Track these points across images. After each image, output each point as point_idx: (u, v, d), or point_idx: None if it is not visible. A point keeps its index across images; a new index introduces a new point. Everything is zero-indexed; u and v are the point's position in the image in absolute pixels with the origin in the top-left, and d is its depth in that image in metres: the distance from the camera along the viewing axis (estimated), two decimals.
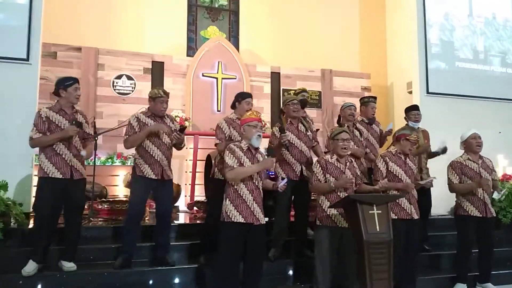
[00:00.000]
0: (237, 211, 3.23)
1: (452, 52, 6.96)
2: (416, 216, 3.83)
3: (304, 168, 4.07)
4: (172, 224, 4.81)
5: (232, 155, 3.29)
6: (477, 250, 4.14)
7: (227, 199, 3.29)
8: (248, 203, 3.25)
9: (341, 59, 8.28)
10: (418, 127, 4.79)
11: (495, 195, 4.10)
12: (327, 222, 3.57)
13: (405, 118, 4.85)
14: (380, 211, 3.30)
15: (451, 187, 4.17)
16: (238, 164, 3.26)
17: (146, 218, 4.44)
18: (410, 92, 7.18)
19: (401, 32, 7.67)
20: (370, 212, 3.27)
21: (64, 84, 3.63)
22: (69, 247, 3.67)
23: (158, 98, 3.82)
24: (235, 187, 3.28)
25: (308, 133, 4.15)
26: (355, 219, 3.28)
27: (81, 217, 3.81)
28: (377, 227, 3.26)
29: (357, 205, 3.25)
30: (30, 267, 3.48)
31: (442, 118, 6.34)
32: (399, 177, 3.85)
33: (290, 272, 4.08)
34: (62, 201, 3.58)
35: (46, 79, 6.16)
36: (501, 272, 4.40)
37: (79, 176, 3.65)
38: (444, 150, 4.59)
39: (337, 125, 4.48)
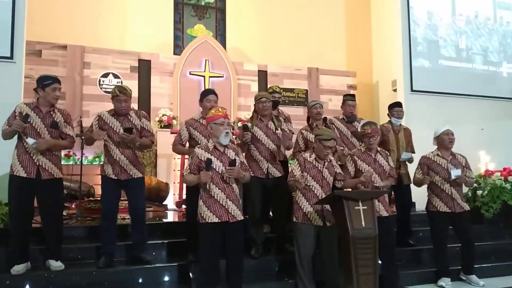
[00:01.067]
0: (210, 212, 3.24)
1: (436, 50, 7.08)
2: (384, 213, 3.83)
3: (270, 166, 4.07)
4: (160, 222, 4.86)
5: (191, 161, 3.34)
6: (459, 244, 4.23)
7: (201, 200, 3.31)
8: (221, 202, 3.26)
9: (328, 57, 8.37)
10: (400, 124, 4.86)
11: (452, 175, 4.07)
12: (303, 219, 3.61)
13: (388, 114, 4.91)
14: (365, 207, 3.35)
15: (413, 180, 4.34)
16: (190, 170, 3.29)
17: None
18: (395, 90, 7.29)
19: (386, 30, 7.78)
20: (355, 208, 3.32)
21: (43, 83, 3.55)
22: (51, 247, 3.62)
23: (115, 97, 3.72)
24: (207, 188, 3.28)
25: (277, 131, 4.12)
26: (341, 215, 3.34)
27: (57, 217, 3.67)
28: (363, 223, 3.31)
29: (343, 201, 3.31)
30: (19, 266, 3.45)
31: (426, 115, 6.46)
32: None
33: (276, 268, 4.11)
34: (31, 200, 3.51)
35: (31, 78, 6.07)
36: (484, 265, 4.49)
37: (47, 176, 3.53)
38: (409, 160, 4.67)
39: (307, 124, 4.48)
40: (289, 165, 4.56)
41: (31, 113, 3.50)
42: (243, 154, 3.60)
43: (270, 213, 4.45)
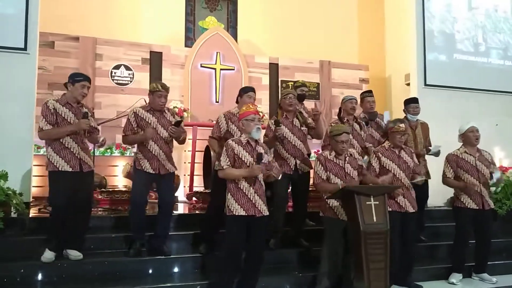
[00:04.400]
0: (238, 205, 3.29)
1: (451, 44, 6.96)
2: (411, 210, 3.84)
3: (298, 162, 4.09)
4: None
5: (226, 154, 3.35)
6: (473, 241, 4.19)
7: (229, 193, 3.35)
8: (249, 196, 3.30)
9: (340, 50, 8.29)
10: (417, 120, 4.80)
11: (491, 182, 4.06)
12: (329, 213, 3.65)
13: (404, 110, 4.86)
14: (377, 202, 3.35)
15: (444, 180, 4.23)
16: (229, 164, 3.32)
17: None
18: (408, 84, 7.19)
19: (399, 23, 7.66)
20: (367, 203, 3.33)
21: (74, 78, 3.67)
22: (76, 237, 3.71)
23: (156, 92, 3.80)
24: (236, 182, 3.33)
25: (302, 128, 4.14)
26: (353, 209, 3.34)
27: (90, 208, 3.86)
28: (374, 218, 3.31)
29: (354, 196, 3.30)
30: (49, 255, 3.55)
31: (439, 110, 6.37)
32: (393, 172, 3.85)
33: (291, 261, 4.14)
34: (75, 193, 3.62)
35: (44, 69, 6.15)
36: (496, 262, 4.46)
37: (88, 169, 3.71)
38: (437, 154, 4.60)
39: (337, 118, 4.45)
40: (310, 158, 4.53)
41: (63, 108, 3.61)
42: (271, 152, 3.65)
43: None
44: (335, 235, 3.62)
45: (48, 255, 3.55)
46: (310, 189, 4.34)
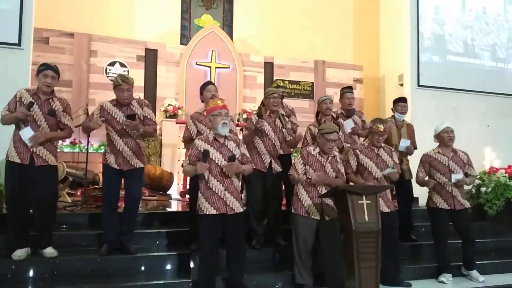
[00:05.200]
0: (208, 203, 3.26)
1: (444, 46, 7.02)
2: (385, 210, 3.83)
3: (273, 161, 4.10)
4: (164, 212, 4.90)
5: (190, 151, 3.36)
6: (460, 240, 4.24)
7: (199, 192, 3.34)
8: (219, 194, 3.27)
9: (335, 50, 8.33)
10: (403, 120, 4.83)
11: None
12: (301, 212, 3.64)
13: (392, 109, 4.89)
14: (369, 201, 3.37)
15: (416, 179, 4.29)
16: (188, 161, 3.34)
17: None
18: (402, 85, 7.25)
19: (394, 24, 7.72)
20: (359, 202, 3.35)
21: (38, 69, 3.58)
22: (42, 235, 3.62)
23: (117, 86, 3.68)
24: (205, 180, 3.30)
25: (283, 130, 4.16)
26: (345, 208, 3.36)
27: (49, 204, 3.64)
28: (366, 217, 3.33)
29: (346, 195, 3.32)
30: (20, 251, 3.49)
31: (432, 110, 6.43)
32: (369, 169, 3.89)
33: (276, 260, 4.15)
34: (25, 186, 3.52)
35: (38, 65, 6.11)
36: (485, 262, 4.50)
37: (41, 163, 3.53)
38: (408, 149, 4.60)
39: (315, 120, 4.47)
40: (292, 157, 4.57)
41: (30, 98, 3.51)
42: (245, 146, 3.58)
43: None
44: (304, 233, 3.61)
45: (16, 252, 3.47)
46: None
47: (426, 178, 4.18)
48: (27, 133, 3.46)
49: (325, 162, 3.68)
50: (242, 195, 4.33)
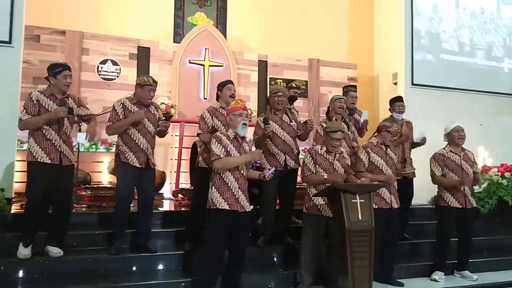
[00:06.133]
0: (222, 198, 3.27)
1: (438, 44, 7.03)
2: (395, 206, 3.93)
3: (288, 158, 4.10)
4: (156, 211, 4.85)
5: (219, 144, 3.30)
6: (456, 239, 4.25)
7: (213, 187, 3.33)
8: (233, 191, 3.29)
9: (329, 49, 8.30)
10: (402, 118, 4.85)
11: (476, 188, 4.17)
12: (313, 210, 3.66)
13: (389, 109, 4.91)
14: (362, 200, 3.36)
15: (434, 179, 4.24)
16: (225, 153, 3.27)
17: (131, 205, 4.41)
18: (396, 83, 7.25)
19: (388, 22, 7.72)
20: (353, 201, 3.34)
21: (53, 71, 3.57)
22: (57, 233, 3.65)
23: (147, 86, 3.76)
24: (221, 175, 3.31)
25: (292, 123, 4.16)
26: (338, 207, 3.35)
27: (69, 203, 3.80)
28: (360, 216, 3.33)
29: (340, 194, 3.31)
30: (24, 251, 3.48)
31: (426, 109, 6.44)
32: (380, 167, 3.93)
33: (276, 259, 4.15)
34: (51, 186, 3.54)
35: (29, 63, 6.06)
36: (478, 260, 4.52)
37: (68, 162, 3.63)
38: (423, 140, 4.65)
39: (326, 117, 4.46)
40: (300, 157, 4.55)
41: (47, 100, 3.54)
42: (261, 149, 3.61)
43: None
44: (317, 232, 3.64)
45: (23, 251, 3.47)
46: (297, 186, 4.36)
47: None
48: (82, 136, 3.75)
49: (333, 160, 3.72)
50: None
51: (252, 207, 3.57)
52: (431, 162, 4.26)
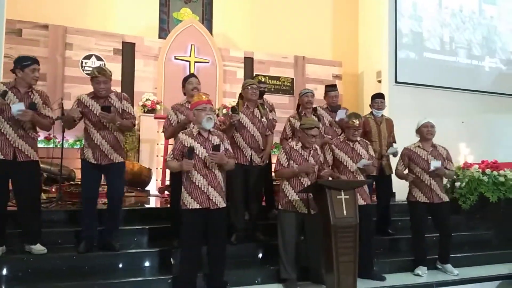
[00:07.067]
0: (191, 198, 3.25)
1: (421, 43, 7.14)
2: (362, 202, 3.87)
3: (253, 153, 4.09)
4: (142, 208, 4.84)
5: (174, 146, 3.32)
6: (437, 235, 4.34)
7: (183, 187, 3.32)
8: (202, 189, 3.26)
9: (314, 46, 8.36)
10: (382, 115, 4.91)
11: (432, 166, 4.16)
12: (288, 207, 3.67)
13: (370, 105, 4.96)
14: (347, 196, 3.41)
15: (395, 172, 4.40)
16: (172, 156, 3.29)
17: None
18: (380, 81, 7.34)
19: (372, 21, 7.81)
20: (338, 197, 3.38)
21: (21, 63, 3.46)
22: (27, 231, 3.57)
23: (94, 78, 3.61)
24: (189, 174, 3.28)
25: (262, 119, 4.15)
26: (324, 204, 3.39)
27: (32, 200, 3.59)
28: (344, 212, 3.37)
29: (325, 190, 3.35)
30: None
31: (409, 107, 6.53)
32: (345, 163, 3.94)
33: (259, 255, 4.15)
34: (6, 182, 3.45)
35: (10, 57, 5.88)
36: (459, 255, 4.61)
37: (24, 158, 3.47)
38: (395, 155, 4.69)
39: (296, 112, 4.50)
40: (272, 153, 4.58)
41: (9, 93, 3.41)
42: (228, 141, 3.58)
43: None
44: (292, 229, 3.65)
45: None
46: (275, 183, 4.37)
47: (405, 171, 4.27)
48: (19, 106, 3.33)
49: (308, 156, 3.73)
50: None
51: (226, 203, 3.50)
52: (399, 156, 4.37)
